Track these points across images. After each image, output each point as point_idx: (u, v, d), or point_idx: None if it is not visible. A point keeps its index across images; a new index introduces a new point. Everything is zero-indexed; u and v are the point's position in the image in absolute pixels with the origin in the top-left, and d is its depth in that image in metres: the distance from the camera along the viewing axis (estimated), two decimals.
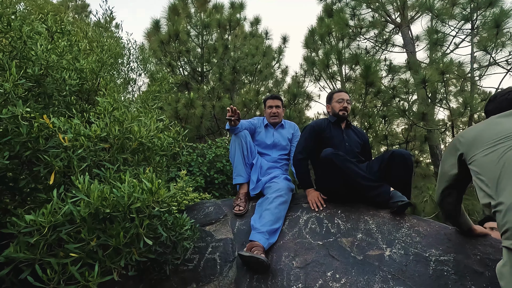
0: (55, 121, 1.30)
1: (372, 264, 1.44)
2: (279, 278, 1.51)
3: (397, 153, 1.81)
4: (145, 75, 6.25)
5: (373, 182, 1.75)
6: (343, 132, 2.13)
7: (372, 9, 5.85)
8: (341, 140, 2.09)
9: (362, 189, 1.74)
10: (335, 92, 2.24)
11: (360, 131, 2.25)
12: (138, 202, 1.05)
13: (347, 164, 1.74)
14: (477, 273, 1.26)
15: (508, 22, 4.31)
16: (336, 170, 1.75)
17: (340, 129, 2.15)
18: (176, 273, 1.66)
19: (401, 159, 1.79)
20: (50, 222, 0.94)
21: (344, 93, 2.21)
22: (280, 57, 7.43)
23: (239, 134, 2.15)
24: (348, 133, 2.16)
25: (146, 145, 1.61)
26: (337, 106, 2.16)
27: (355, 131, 2.21)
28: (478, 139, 1.11)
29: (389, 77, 5.78)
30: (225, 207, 2.12)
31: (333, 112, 2.20)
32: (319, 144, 2.08)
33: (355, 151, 2.08)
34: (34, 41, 1.69)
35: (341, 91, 2.23)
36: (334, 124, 2.15)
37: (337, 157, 1.75)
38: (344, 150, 2.04)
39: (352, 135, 2.16)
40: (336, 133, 2.11)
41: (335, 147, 2.03)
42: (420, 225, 1.58)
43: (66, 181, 1.34)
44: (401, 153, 1.80)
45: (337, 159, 1.75)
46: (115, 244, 1.01)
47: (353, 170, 1.74)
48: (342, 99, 2.16)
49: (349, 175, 1.73)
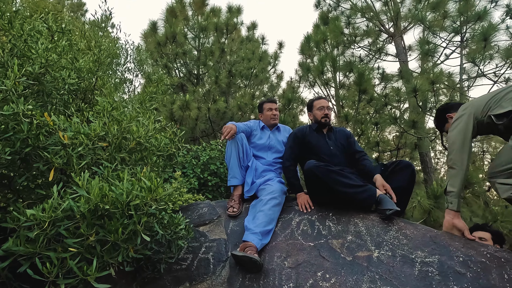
0: (55, 119, 1.32)
1: (361, 265, 1.49)
2: (271, 277, 1.55)
3: (405, 161, 1.91)
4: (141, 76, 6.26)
5: (356, 188, 1.77)
6: (326, 137, 2.22)
7: (366, 19, 6.01)
8: (325, 145, 2.16)
9: (346, 197, 1.79)
10: (315, 100, 2.33)
11: (341, 130, 2.32)
12: (137, 200, 1.08)
13: (329, 174, 1.79)
14: (460, 274, 1.33)
15: (496, 36, 4.49)
16: (319, 181, 1.81)
17: (322, 134, 2.23)
18: (170, 272, 1.69)
19: (407, 165, 1.88)
20: (51, 217, 0.97)
21: (324, 100, 2.30)
22: (275, 62, 7.54)
23: (235, 136, 2.20)
24: (331, 136, 2.23)
25: (144, 145, 1.64)
26: (319, 114, 2.25)
27: (336, 132, 2.28)
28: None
29: (382, 85, 5.93)
30: (219, 208, 2.15)
31: (315, 120, 2.29)
32: (303, 150, 2.17)
33: (340, 153, 2.15)
34: (34, 39, 1.72)
35: (320, 98, 2.32)
36: (316, 130, 2.24)
37: (318, 169, 1.80)
38: (330, 154, 2.12)
39: (335, 137, 2.24)
40: (319, 138, 2.20)
41: (320, 152, 2.12)
42: (407, 228, 1.65)
43: (64, 178, 1.36)
44: (409, 163, 1.89)
45: (318, 170, 1.80)
46: (113, 239, 1.03)
47: (335, 180, 1.77)
48: (323, 107, 2.25)
49: (332, 184, 1.78)
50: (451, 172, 1.58)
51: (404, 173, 1.89)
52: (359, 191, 1.76)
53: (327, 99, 2.32)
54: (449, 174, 1.60)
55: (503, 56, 4.47)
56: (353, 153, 2.20)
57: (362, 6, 6.05)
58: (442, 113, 1.89)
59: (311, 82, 6.44)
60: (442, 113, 1.89)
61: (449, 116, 1.85)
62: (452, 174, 1.58)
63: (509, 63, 4.44)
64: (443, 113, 1.88)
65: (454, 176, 1.57)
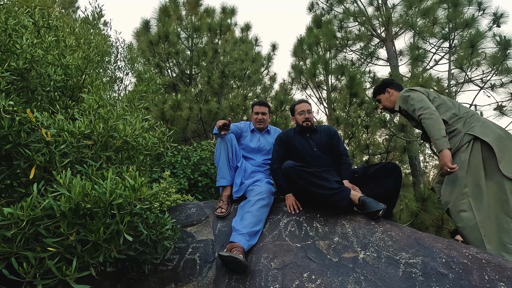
0: (38, 115, 1.29)
1: (346, 266, 1.50)
2: (257, 278, 1.54)
3: (391, 164, 1.94)
4: (132, 74, 6.19)
5: (329, 190, 1.79)
6: (310, 139, 2.24)
7: (359, 23, 6.09)
8: (308, 147, 2.20)
9: (319, 198, 1.82)
10: (296, 104, 2.37)
11: (325, 129, 2.34)
12: (120, 199, 1.06)
13: (303, 175, 1.82)
14: (442, 275, 1.35)
15: (483, 43, 4.60)
16: (293, 180, 1.86)
17: (305, 136, 2.26)
18: (155, 273, 1.66)
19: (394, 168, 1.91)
20: (29, 216, 0.94)
21: (304, 103, 2.34)
22: (269, 64, 7.56)
23: (225, 137, 2.19)
24: (315, 138, 2.26)
25: (131, 143, 1.62)
26: (300, 118, 2.29)
27: (320, 133, 2.30)
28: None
29: (373, 89, 6.00)
30: (207, 209, 2.14)
31: (297, 124, 2.33)
32: (289, 152, 2.20)
33: (324, 154, 2.18)
34: (19, 34, 1.68)
35: (301, 103, 2.36)
36: (300, 133, 2.27)
37: (293, 169, 1.85)
38: (313, 155, 2.16)
39: (319, 138, 2.26)
40: (303, 141, 2.23)
41: (303, 154, 2.17)
42: (393, 229, 1.67)
43: (47, 177, 1.33)
44: (395, 166, 1.93)
45: (292, 171, 1.85)
46: (94, 239, 1.01)
47: (309, 180, 1.81)
48: (303, 111, 2.29)
49: (304, 185, 1.82)
50: (433, 120, 1.86)
51: (392, 176, 1.91)
52: (331, 193, 1.79)
53: (309, 102, 2.37)
54: (432, 123, 1.86)
55: (489, 63, 4.58)
56: (336, 153, 2.25)
57: (355, 10, 6.13)
58: (385, 85, 2.26)
59: (304, 84, 6.48)
60: (385, 85, 2.26)
61: (387, 90, 2.23)
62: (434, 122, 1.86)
63: (495, 70, 4.55)
64: (386, 85, 2.25)
65: (438, 123, 1.85)
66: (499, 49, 4.41)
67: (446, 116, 1.92)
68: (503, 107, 4.76)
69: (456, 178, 1.82)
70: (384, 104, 2.26)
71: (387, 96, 2.24)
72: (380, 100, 2.30)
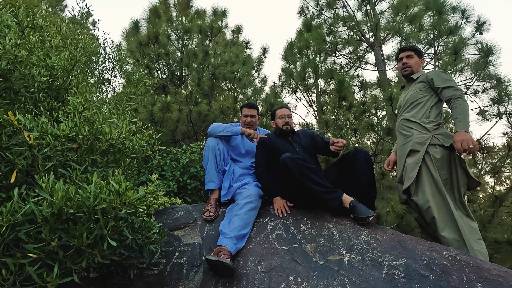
0: (21, 118, 1.27)
1: (332, 269, 1.53)
2: (244, 282, 1.54)
3: (360, 149, 1.96)
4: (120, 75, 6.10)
5: (324, 188, 1.82)
6: (291, 141, 2.29)
7: (348, 28, 6.19)
8: (291, 148, 2.23)
9: (313, 194, 1.84)
10: (277, 109, 2.43)
11: (303, 132, 2.40)
12: (104, 203, 1.05)
13: (301, 169, 1.83)
14: (423, 276, 1.39)
15: (466, 50, 4.75)
16: (290, 174, 1.86)
17: (287, 139, 2.30)
18: (141, 277, 1.64)
19: (365, 155, 1.93)
20: (9, 221, 0.92)
21: (285, 108, 2.40)
22: (259, 66, 7.59)
23: (212, 140, 2.19)
24: (296, 140, 2.30)
25: (117, 146, 1.60)
26: (280, 122, 2.35)
27: (300, 135, 2.36)
28: None
29: (361, 93, 6.11)
30: (195, 212, 2.13)
31: (277, 127, 2.38)
32: (272, 156, 2.22)
33: (307, 155, 2.21)
34: (2, 34, 1.64)
35: (282, 107, 2.42)
36: (280, 136, 2.31)
37: (292, 161, 1.85)
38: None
39: (300, 141, 2.30)
40: (285, 144, 2.27)
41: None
42: (377, 232, 1.70)
43: (29, 180, 1.31)
44: (364, 151, 1.95)
45: (291, 163, 1.84)
46: (77, 244, 1.00)
47: (306, 175, 1.83)
48: (284, 115, 2.35)
49: (302, 179, 1.83)
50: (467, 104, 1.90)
51: (364, 161, 1.92)
52: (325, 191, 1.82)
53: (289, 107, 2.44)
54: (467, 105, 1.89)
55: (472, 69, 4.73)
56: (323, 146, 2.29)
57: (344, 15, 6.24)
58: (422, 55, 2.31)
59: (294, 87, 6.53)
60: (423, 55, 2.31)
61: (423, 60, 2.31)
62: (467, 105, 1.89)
63: (477, 76, 4.71)
64: (423, 56, 2.31)
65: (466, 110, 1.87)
66: (481, 56, 4.57)
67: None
68: (485, 112, 4.92)
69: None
70: (410, 63, 2.23)
71: (419, 61, 2.26)
72: (411, 56, 2.24)
